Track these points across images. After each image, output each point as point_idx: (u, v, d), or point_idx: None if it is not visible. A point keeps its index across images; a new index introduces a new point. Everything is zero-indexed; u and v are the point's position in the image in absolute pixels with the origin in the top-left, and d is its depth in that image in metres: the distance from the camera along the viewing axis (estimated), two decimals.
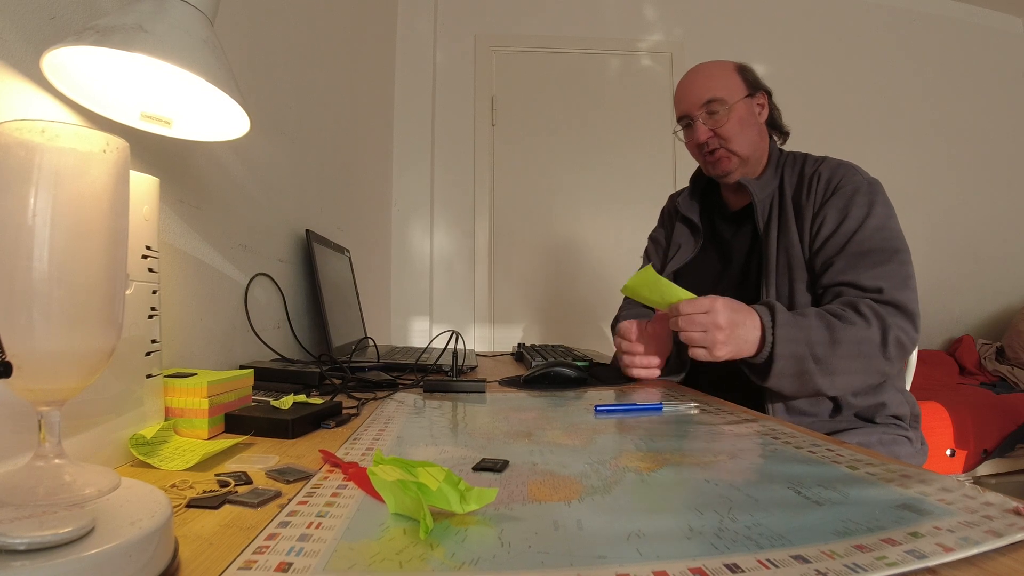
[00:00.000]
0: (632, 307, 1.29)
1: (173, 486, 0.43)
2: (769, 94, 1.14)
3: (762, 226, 1.07)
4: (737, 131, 1.08)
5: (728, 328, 0.87)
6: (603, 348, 2.58)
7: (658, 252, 1.32)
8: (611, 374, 1.07)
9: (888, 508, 0.39)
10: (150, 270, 0.52)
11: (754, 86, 1.12)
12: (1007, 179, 3.00)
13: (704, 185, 1.24)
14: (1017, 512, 0.37)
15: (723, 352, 0.88)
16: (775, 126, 1.16)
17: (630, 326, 1.06)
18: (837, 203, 0.99)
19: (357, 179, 1.95)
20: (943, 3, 3.05)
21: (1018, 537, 0.33)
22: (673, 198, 1.35)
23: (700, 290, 1.13)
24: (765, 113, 1.13)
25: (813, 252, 1.00)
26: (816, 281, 1.00)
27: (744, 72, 1.13)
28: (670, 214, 1.33)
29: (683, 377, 1.10)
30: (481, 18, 2.76)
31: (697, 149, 1.14)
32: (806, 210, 1.03)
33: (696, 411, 0.72)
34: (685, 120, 1.14)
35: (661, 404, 0.74)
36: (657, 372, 1.06)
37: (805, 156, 1.12)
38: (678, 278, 1.19)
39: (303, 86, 1.34)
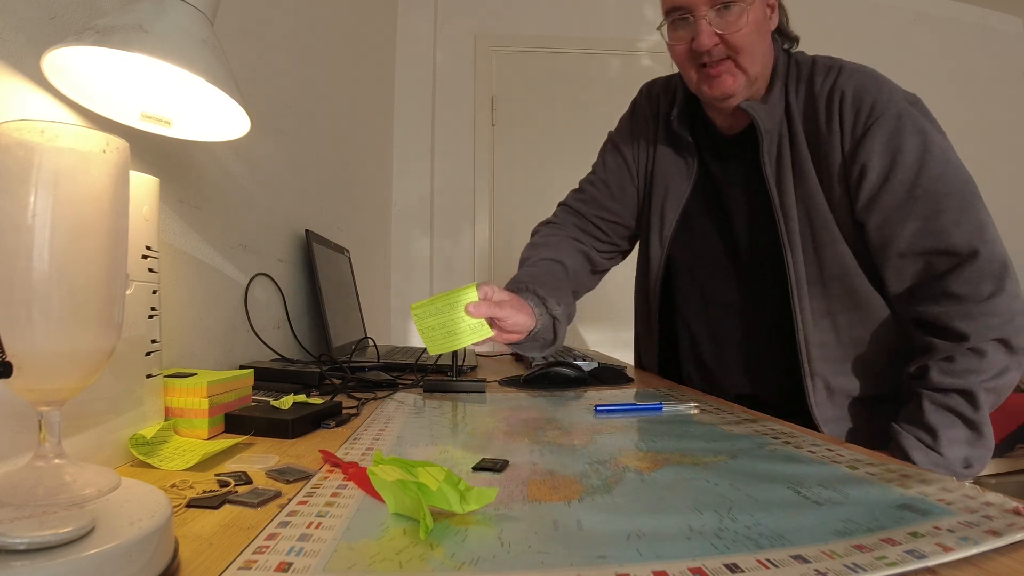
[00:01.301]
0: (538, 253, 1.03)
1: (173, 486, 0.43)
2: None
3: (772, 173, 0.83)
4: (752, 41, 0.81)
5: None
6: (603, 348, 2.58)
7: (619, 171, 1.04)
8: (611, 374, 1.07)
9: (888, 508, 0.39)
10: (150, 270, 0.52)
11: None
12: (1007, 179, 3.00)
13: (687, 94, 0.95)
14: (1017, 512, 0.37)
15: None
16: (783, 33, 0.90)
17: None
18: (877, 143, 0.76)
19: (357, 179, 1.95)
20: (943, 3, 3.05)
21: (1018, 537, 0.33)
22: (652, 95, 1.04)
23: (714, 275, 0.93)
24: (775, 20, 0.87)
25: (859, 207, 0.78)
26: (863, 241, 0.79)
27: None
28: (647, 118, 1.03)
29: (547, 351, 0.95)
30: (481, 18, 2.76)
31: (690, 58, 0.84)
32: (827, 145, 0.79)
33: (696, 411, 0.72)
34: (680, 13, 0.82)
35: (661, 404, 0.74)
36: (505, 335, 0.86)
37: (812, 62, 0.86)
38: (674, 261, 0.98)
39: (303, 86, 1.34)
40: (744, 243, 0.91)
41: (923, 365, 0.77)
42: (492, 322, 0.83)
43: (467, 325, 0.81)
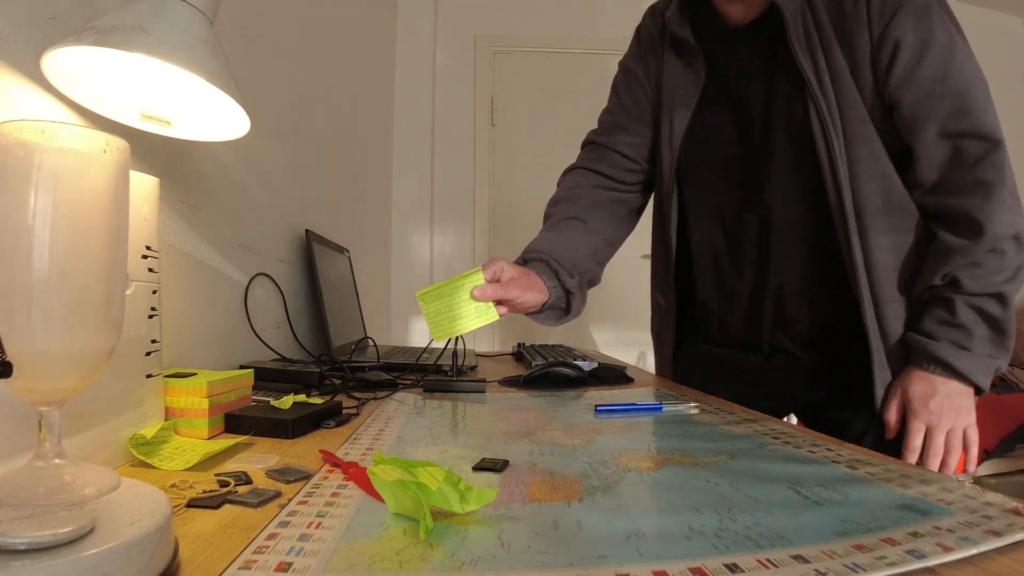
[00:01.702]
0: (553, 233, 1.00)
1: (173, 486, 0.43)
2: None
3: (805, 58, 0.77)
4: None
5: (937, 405, 0.74)
6: (604, 347, 2.58)
7: (632, 89, 1.02)
8: (611, 374, 1.07)
9: (888, 508, 0.39)
10: (150, 270, 0.52)
11: None
12: None
13: None
14: (1017, 512, 0.37)
15: (963, 419, 0.76)
16: None
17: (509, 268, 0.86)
18: (909, 21, 0.73)
19: (357, 179, 1.95)
20: None
21: (1018, 537, 0.33)
22: (655, 12, 1.01)
23: (728, 173, 0.88)
24: None
25: (892, 84, 0.75)
26: (892, 130, 0.77)
27: None
28: (652, 36, 1.00)
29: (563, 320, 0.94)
30: (481, 18, 2.76)
31: None
32: (853, 27, 0.76)
33: (696, 411, 0.72)
34: None
35: (661, 404, 0.74)
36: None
37: None
38: (683, 168, 0.93)
39: (303, 86, 1.34)
40: (759, 137, 0.86)
41: (948, 274, 0.75)
42: (501, 300, 0.83)
43: (473, 308, 0.81)
